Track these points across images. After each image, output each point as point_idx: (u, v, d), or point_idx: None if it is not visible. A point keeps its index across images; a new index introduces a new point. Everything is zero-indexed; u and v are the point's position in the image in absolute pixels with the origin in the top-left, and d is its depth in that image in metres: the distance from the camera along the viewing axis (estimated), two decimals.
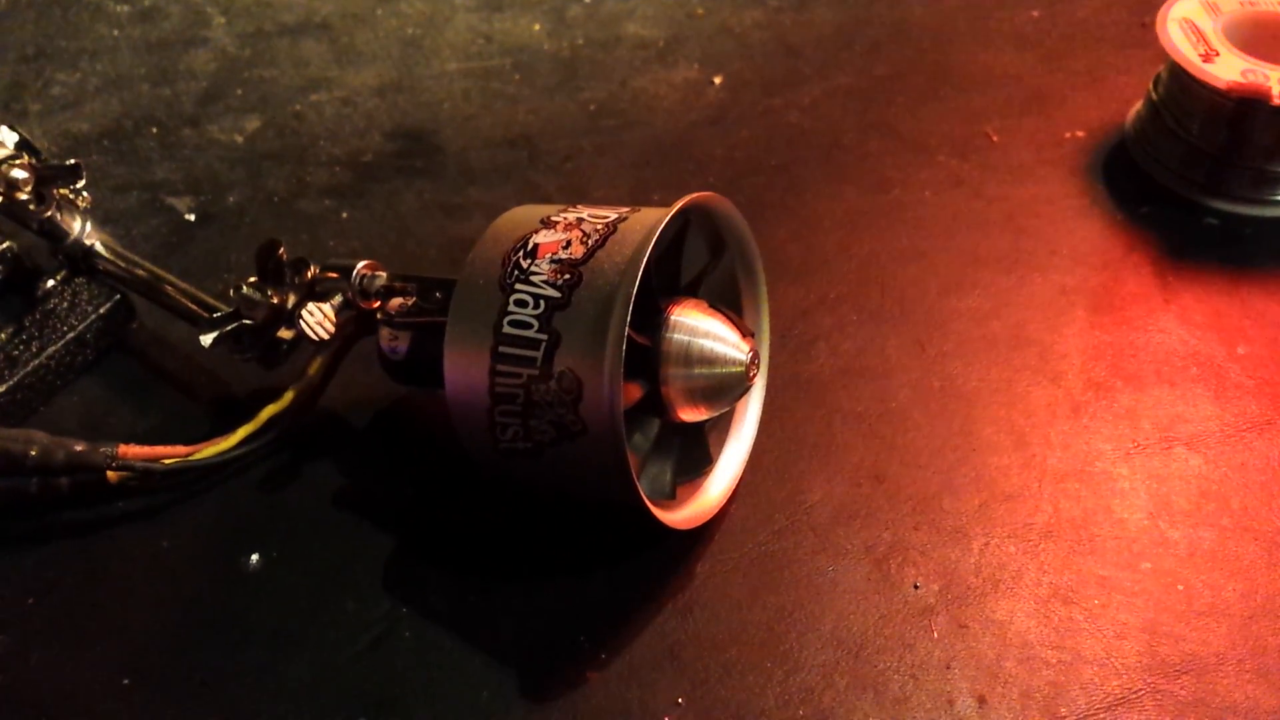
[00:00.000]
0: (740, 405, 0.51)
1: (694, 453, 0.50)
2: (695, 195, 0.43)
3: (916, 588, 0.47)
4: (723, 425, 0.51)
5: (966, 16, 0.81)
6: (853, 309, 0.59)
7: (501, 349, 0.41)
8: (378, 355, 0.51)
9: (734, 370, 0.44)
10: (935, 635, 0.46)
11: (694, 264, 0.49)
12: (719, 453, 0.50)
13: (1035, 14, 0.80)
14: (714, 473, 0.50)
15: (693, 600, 0.47)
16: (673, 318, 0.45)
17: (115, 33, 0.81)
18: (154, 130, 0.73)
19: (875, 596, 0.47)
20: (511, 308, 0.41)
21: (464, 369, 0.42)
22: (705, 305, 0.46)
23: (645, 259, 0.40)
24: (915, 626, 0.46)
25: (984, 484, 0.51)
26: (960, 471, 0.52)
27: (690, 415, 0.46)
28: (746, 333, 0.46)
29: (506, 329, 0.41)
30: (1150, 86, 0.68)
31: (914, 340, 0.58)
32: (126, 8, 0.84)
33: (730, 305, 0.50)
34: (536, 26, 0.80)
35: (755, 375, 0.46)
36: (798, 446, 0.53)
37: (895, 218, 0.65)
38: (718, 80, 0.75)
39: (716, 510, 0.48)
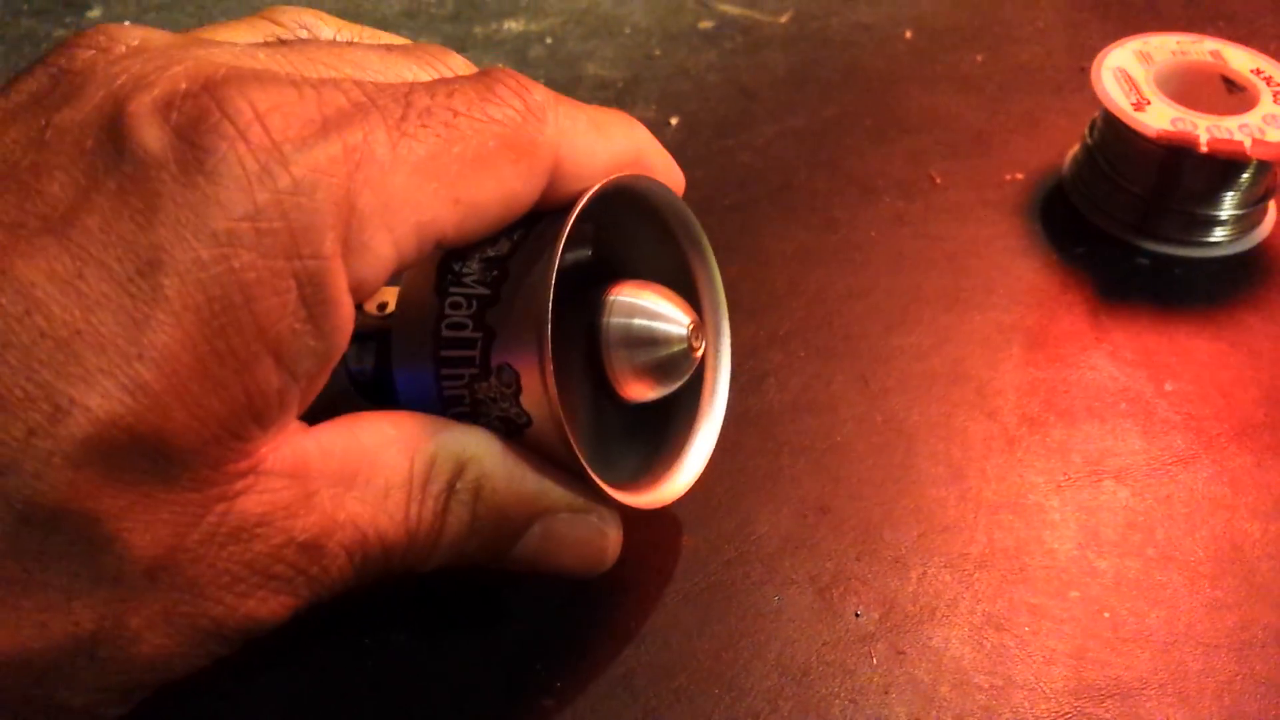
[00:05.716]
0: (708, 385, 0.51)
1: (661, 435, 0.50)
2: (609, 179, 0.43)
3: (858, 616, 0.50)
4: (691, 406, 0.51)
5: (914, 60, 0.84)
6: (801, 345, 0.62)
7: (443, 353, 0.42)
8: (348, 378, 0.52)
9: (675, 345, 0.45)
10: (874, 661, 0.48)
11: (641, 248, 0.49)
12: (689, 433, 0.50)
13: (979, 58, 0.84)
14: (684, 454, 0.50)
15: (646, 629, 0.49)
16: (610, 299, 0.45)
17: None
18: None
19: (818, 624, 0.49)
20: (448, 311, 0.42)
21: (414, 377, 0.43)
22: (645, 284, 0.46)
23: (560, 242, 0.41)
24: (856, 653, 0.48)
25: (923, 515, 0.54)
26: (900, 503, 0.54)
27: (640, 394, 0.46)
28: (688, 307, 0.46)
29: (445, 333, 0.42)
30: (1086, 131, 0.71)
31: (859, 376, 0.60)
32: None
33: (684, 287, 0.49)
34: (500, 66, 0.82)
35: (700, 348, 0.46)
36: (747, 479, 0.55)
37: (843, 256, 0.67)
38: (674, 121, 0.78)
39: (685, 492, 0.48)
